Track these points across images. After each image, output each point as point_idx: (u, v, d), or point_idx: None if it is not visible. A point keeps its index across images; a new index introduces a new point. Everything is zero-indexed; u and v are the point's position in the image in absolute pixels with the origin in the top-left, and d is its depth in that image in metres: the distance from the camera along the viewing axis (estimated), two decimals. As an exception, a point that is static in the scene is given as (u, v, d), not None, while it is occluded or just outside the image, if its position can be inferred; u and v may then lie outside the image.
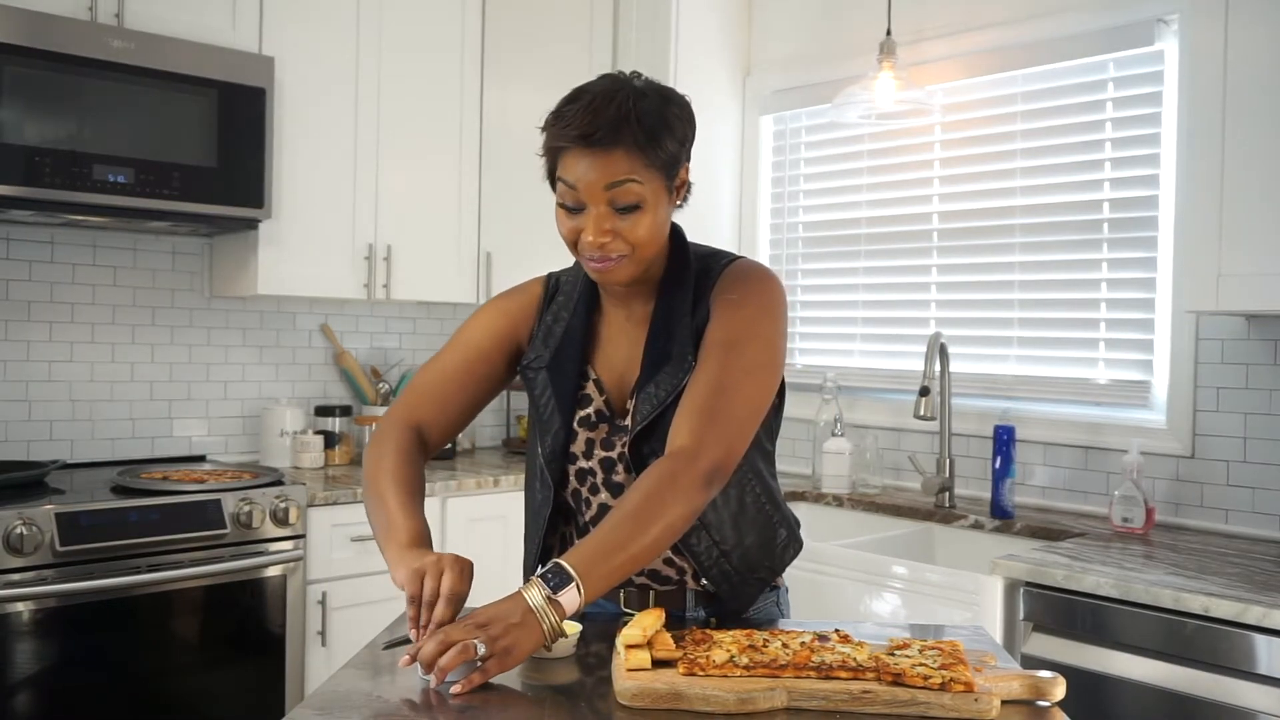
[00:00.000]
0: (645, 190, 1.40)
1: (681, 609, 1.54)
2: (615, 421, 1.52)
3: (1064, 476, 2.82)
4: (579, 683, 1.29)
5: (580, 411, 1.53)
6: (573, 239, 1.45)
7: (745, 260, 1.56)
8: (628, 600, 1.54)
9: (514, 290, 1.66)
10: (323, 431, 3.27)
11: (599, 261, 1.43)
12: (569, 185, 1.41)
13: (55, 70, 2.54)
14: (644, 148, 1.39)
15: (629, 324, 1.55)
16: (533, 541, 1.60)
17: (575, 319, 1.56)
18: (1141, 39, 2.66)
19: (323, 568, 2.80)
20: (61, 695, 2.38)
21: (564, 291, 1.60)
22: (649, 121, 1.39)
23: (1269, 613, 1.82)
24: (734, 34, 3.57)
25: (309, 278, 3.09)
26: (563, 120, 1.40)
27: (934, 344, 2.79)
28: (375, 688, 1.27)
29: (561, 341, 1.55)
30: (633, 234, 1.41)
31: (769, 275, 1.54)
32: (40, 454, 2.94)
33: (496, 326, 1.61)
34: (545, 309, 1.60)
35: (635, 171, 1.39)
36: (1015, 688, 1.21)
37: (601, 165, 1.38)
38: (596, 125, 1.37)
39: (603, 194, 1.39)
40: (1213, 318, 2.52)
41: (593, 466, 1.52)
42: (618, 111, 1.38)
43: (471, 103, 3.42)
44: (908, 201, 3.19)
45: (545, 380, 1.54)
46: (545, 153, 1.46)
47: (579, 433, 1.52)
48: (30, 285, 2.95)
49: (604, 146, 1.37)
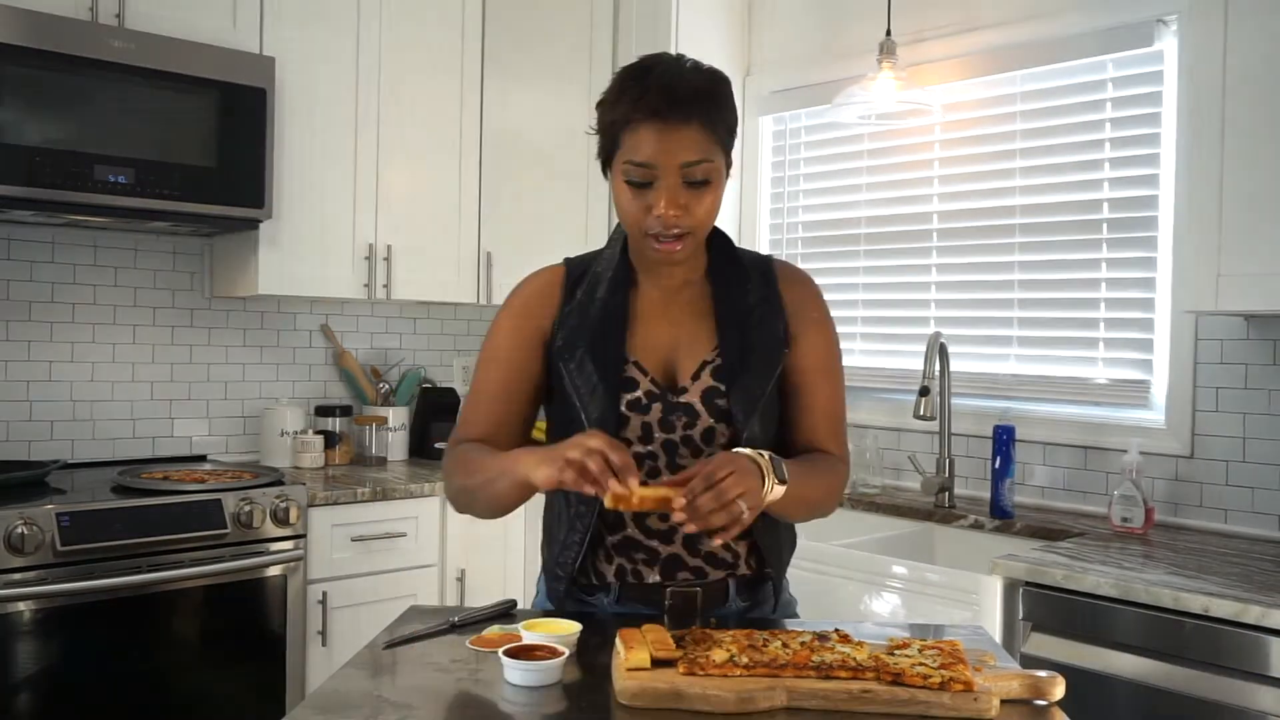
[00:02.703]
0: (713, 167, 1.43)
1: (724, 604, 1.53)
2: (669, 399, 1.49)
3: (1063, 476, 2.82)
4: (579, 682, 1.29)
5: (627, 395, 1.49)
6: (638, 217, 1.44)
7: (789, 264, 1.63)
8: (672, 606, 1.48)
9: (528, 281, 1.60)
10: (323, 431, 3.28)
11: (666, 241, 1.43)
12: (637, 164, 1.41)
13: (56, 70, 2.54)
14: (714, 124, 1.42)
15: (667, 304, 1.55)
16: (575, 530, 1.52)
17: (614, 297, 1.52)
18: (1141, 39, 2.66)
19: (323, 568, 2.80)
20: (62, 695, 2.38)
21: (591, 273, 1.56)
22: (716, 99, 1.43)
23: (1268, 612, 1.82)
24: (734, 34, 3.57)
25: (309, 278, 3.10)
26: (630, 95, 1.41)
27: (933, 344, 2.79)
28: (375, 688, 1.27)
29: (599, 324, 1.51)
30: (699, 210, 1.43)
31: (817, 286, 1.62)
32: (41, 454, 2.95)
33: (522, 331, 1.56)
34: (570, 291, 1.55)
35: (706, 148, 1.41)
36: (1015, 687, 1.21)
37: (677, 140, 1.39)
38: (672, 100, 1.39)
39: (677, 170, 1.40)
40: (1212, 318, 2.52)
41: (654, 450, 1.50)
42: (688, 87, 1.40)
43: (472, 103, 3.42)
44: (907, 201, 3.19)
45: (585, 359, 1.49)
46: (604, 130, 1.45)
47: (630, 417, 1.49)
48: (31, 285, 2.95)
49: (679, 121, 1.39)
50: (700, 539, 1.47)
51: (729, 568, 1.53)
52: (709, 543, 1.42)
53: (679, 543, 1.50)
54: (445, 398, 3.56)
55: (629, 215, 1.45)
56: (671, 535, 1.50)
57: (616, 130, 1.43)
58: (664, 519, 1.48)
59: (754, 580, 1.56)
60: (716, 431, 1.49)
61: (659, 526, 1.50)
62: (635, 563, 1.51)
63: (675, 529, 1.48)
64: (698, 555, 1.50)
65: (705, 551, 1.50)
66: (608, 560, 1.53)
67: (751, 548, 1.54)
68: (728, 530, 1.29)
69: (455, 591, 3.07)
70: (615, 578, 1.53)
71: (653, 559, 1.51)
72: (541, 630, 1.37)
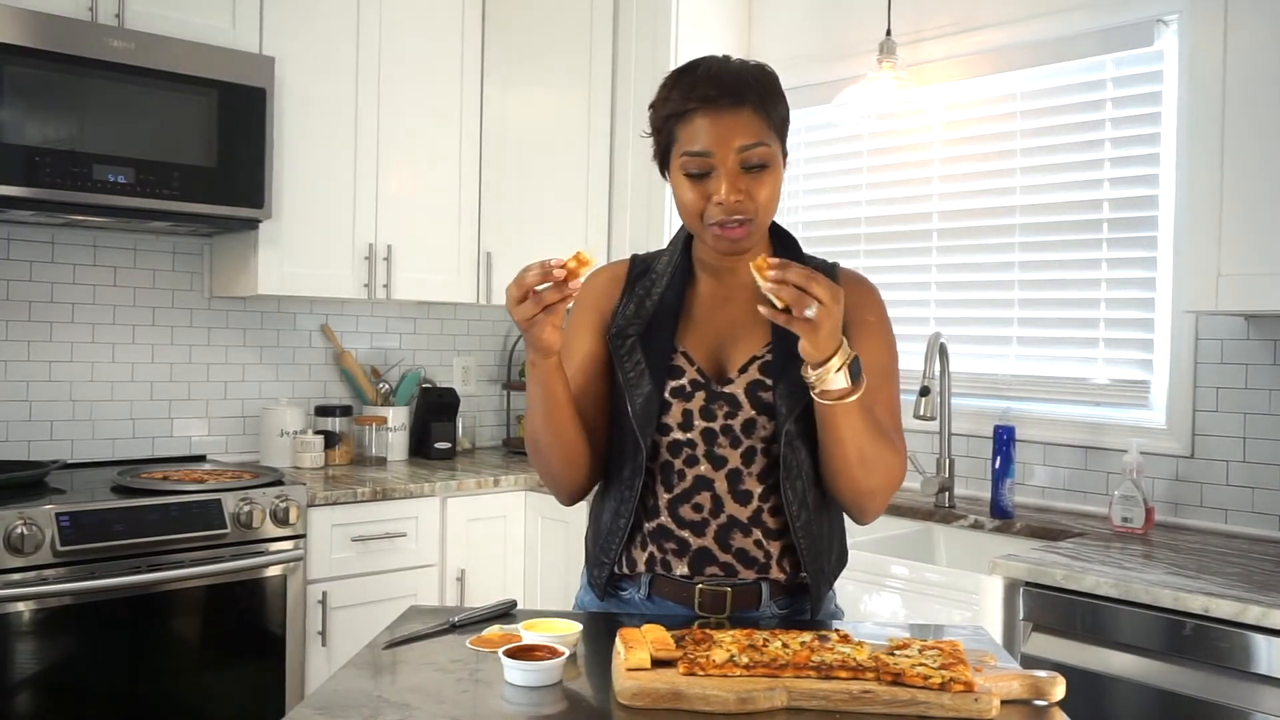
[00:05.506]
0: (769, 152, 1.44)
1: (756, 607, 1.52)
2: (713, 388, 1.51)
3: (1064, 476, 2.82)
4: (579, 682, 1.29)
5: (672, 382, 1.52)
6: (699, 207, 1.45)
7: (853, 270, 1.63)
8: (702, 603, 1.50)
9: (596, 273, 1.63)
10: (323, 431, 3.28)
11: (729, 228, 1.44)
12: (694, 153, 1.43)
13: (55, 70, 2.54)
14: (767, 110, 1.45)
15: (721, 296, 1.57)
16: (620, 515, 1.52)
17: (670, 292, 1.56)
18: (1141, 39, 2.66)
19: (323, 568, 2.80)
20: (62, 695, 2.38)
21: (654, 270, 1.60)
22: (767, 86, 1.46)
23: (1268, 612, 1.82)
24: (734, 34, 3.57)
25: (309, 278, 3.10)
26: (681, 88, 1.44)
27: (934, 343, 2.79)
28: (375, 688, 1.27)
29: (654, 315, 1.55)
30: (761, 194, 1.44)
31: (877, 289, 1.62)
32: (41, 454, 2.95)
33: (587, 317, 1.60)
34: (632, 284, 1.60)
35: (761, 131, 1.44)
36: (1015, 687, 1.21)
37: (732, 125, 1.42)
38: (723, 87, 1.42)
39: (734, 155, 1.42)
40: (1212, 317, 2.52)
41: (693, 438, 1.51)
42: (738, 75, 1.44)
43: (471, 103, 3.42)
44: (907, 201, 3.19)
45: (635, 347, 1.53)
46: (658, 128, 1.49)
47: (673, 403, 1.51)
48: (31, 285, 2.95)
49: (733, 107, 1.42)
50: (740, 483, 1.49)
51: (761, 569, 1.51)
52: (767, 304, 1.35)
53: (710, 536, 1.50)
54: (445, 398, 3.57)
55: (690, 207, 1.47)
56: (703, 528, 1.50)
57: (671, 124, 1.46)
58: (697, 510, 1.49)
59: (790, 587, 1.53)
60: (758, 423, 1.49)
61: (692, 518, 1.50)
62: (665, 552, 1.51)
63: (707, 522, 1.49)
64: (728, 551, 1.50)
65: (736, 549, 1.50)
66: (642, 547, 1.54)
67: (785, 550, 1.51)
68: (791, 311, 1.28)
69: (455, 591, 3.07)
70: (646, 567, 1.53)
71: (683, 550, 1.50)
72: (541, 630, 1.37)
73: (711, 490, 1.50)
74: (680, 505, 1.51)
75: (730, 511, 1.49)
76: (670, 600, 1.53)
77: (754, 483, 1.50)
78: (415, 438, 3.53)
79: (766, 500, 1.50)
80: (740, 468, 1.50)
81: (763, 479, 1.50)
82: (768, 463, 1.49)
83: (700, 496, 1.50)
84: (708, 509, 1.50)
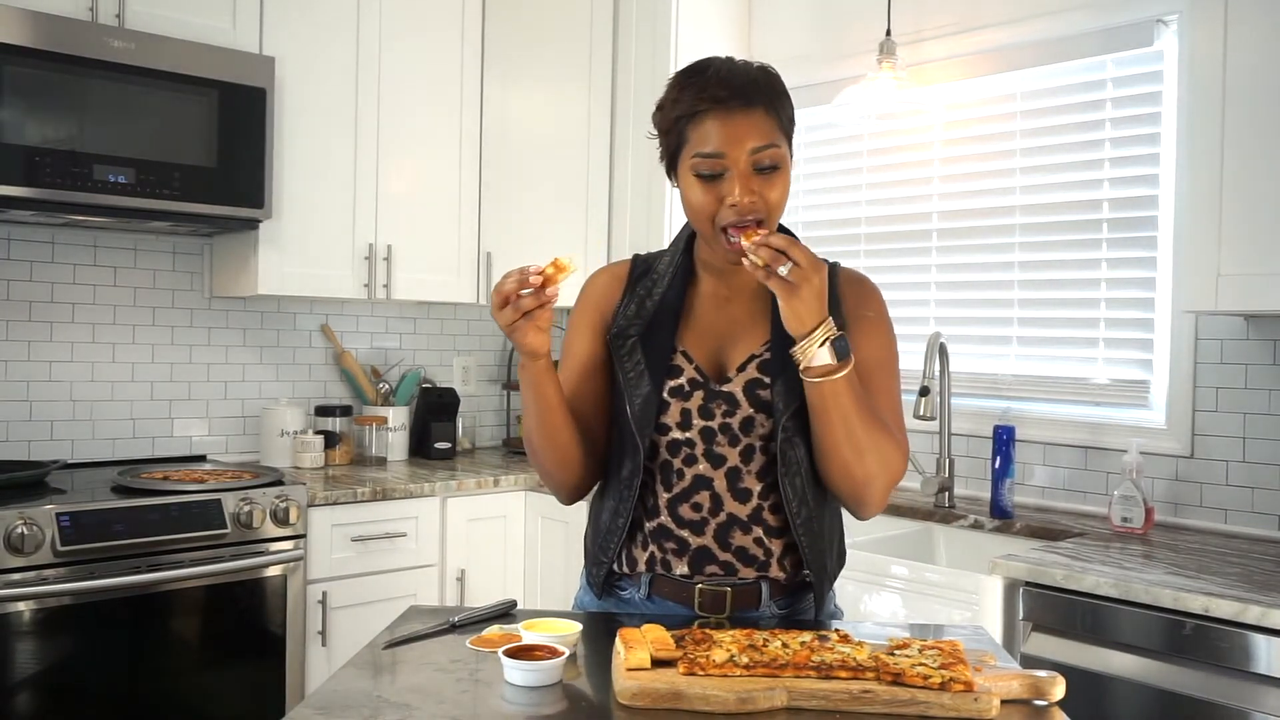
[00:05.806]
0: (780, 153, 1.45)
1: (756, 607, 1.52)
2: (711, 387, 1.51)
3: (1063, 476, 2.82)
4: (579, 682, 1.29)
5: (671, 382, 1.52)
6: (710, 210, 1.45)
7: (853, 269, 1.64)
8: (702, 603, 1.50)
9: (597, 273, 1.66)
10: (323, 431, 3.28)
11: (742, 229, 1.43)
12: (706, 155, 1.43)
13: (56, 70, 2.54)
14: (777, 111, 1.45)
15: (723, 297, 1.57)
16: (619, 515, 1.53)
17: (671, 292, 1.57)
18: (1141, 39, 2.66)
19: (323, 568, 2.80)
20: (62, 695, 2.38)
21: (655, 270, 1.61)
22: (776, 87, 1.47)
23: (1268, 612, 1.82)
24: (734, 34, 3.57)
25: (309, 278, 3.10)
26: (691, 90, 1.44)
27: (933, 343, 2.79)
28: (375, 688, 1.27)
29: (655, 315, 1.55)
30: (772, 195, 1.44)
31: (877, 287, 1.63)
32: (41, 454, 2.95)
33: (587, 316, 1.61)
34: (633, 285, 1.60)
35: (772, 133, 1.44)
36: (1015, 687, 1.21)
37: (745, 127, 1.42)
38: (734, 88, 1.42)
39: (747, 156, 1.42)
40: (1212, 317, 2.52)
41: (691, 437, 1.51)
42: (748, 77, 1.44)
43: (471, 102, 3.42)
44: (907, 201, 3.19)
45: (636, 347, 1.54)
46: (667, 130, 1.48)
47: (671, 403, 1.51)
48: (31, 285, 2.95)
49: (744, 108, 1.42)
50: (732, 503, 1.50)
51: (761, 567, 1.50)
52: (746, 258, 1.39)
53: (709, 535, 1.50)
54: (445, 398, 3.57)
55: (701, 209, 1.46)
56: (702, 527, 1.50)
57: (681, 126, 1.46)
58: (697, 509, 1.49)
59: (791, 586, 1.53)
60: (756, 421, 1.49)
61: (691, 517, 1.50)
62: (665, 552, 1.51)
63: (707, 521, 1.49)
64: (728, 550, 1.50)
65: (736, 547, 1.50)
66: (642, 547, 1.54)
67: (787, 548, 1.51)
68: (766, 265, 1.32)
69: (455, 591, 3.07)
70: (646, 567, 1.53)
71: (682, 549, 1.50)
72: (541, 630, 1.37)
73: (711, 489, 1.50)
74: (679, 504, 1.51)
75: (730, 510, 1.49)
76: (670, 600, 1.53)
77: (753, 480, 1.50)
78: (415, 438, 3.53)
79: (766, 498, 1.50)
80: (739, 466, 1.50)
81: (762, 477, 1.50)
82: (766, 460, 1.49)
83: (699, 495, 1.50)
84: (707, 508, 1.50)
